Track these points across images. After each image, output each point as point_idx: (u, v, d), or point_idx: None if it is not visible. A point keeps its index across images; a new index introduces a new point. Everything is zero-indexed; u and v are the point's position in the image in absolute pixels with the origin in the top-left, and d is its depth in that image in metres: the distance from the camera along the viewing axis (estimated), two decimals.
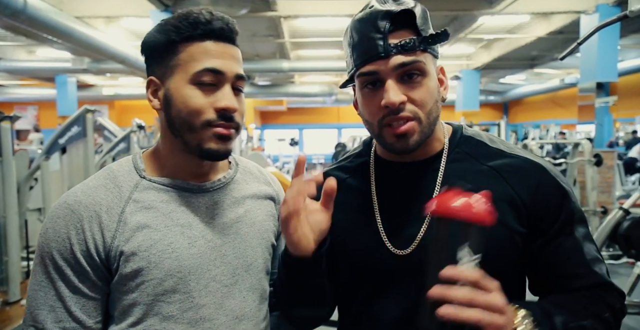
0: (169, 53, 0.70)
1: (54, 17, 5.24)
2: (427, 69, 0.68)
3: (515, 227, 0.69)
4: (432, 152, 0.74)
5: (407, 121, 0.67)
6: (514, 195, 0.69)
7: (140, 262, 0.67)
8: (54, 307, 0.66)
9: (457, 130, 0.78)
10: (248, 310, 0.75)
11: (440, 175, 0.72)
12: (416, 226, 0.70)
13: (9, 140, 3.28)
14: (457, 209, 0.57)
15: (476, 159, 0.73)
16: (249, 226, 0.77)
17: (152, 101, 0.72)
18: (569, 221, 0.70)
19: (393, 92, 0.65)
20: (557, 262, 0.70)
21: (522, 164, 0.72)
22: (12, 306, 3.20)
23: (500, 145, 0.75)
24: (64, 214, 0.68)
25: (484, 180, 0.70)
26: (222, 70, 0.69)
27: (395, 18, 0.65)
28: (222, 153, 0.70)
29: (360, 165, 0.80)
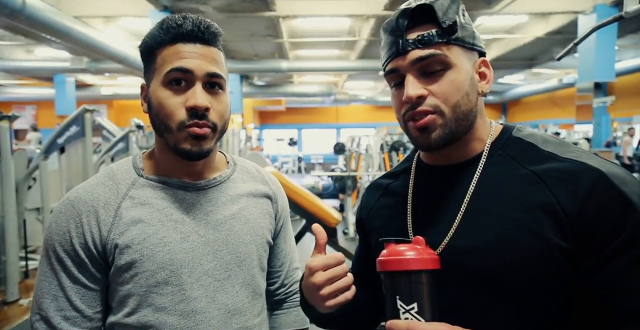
0: (149, 60, 0.73)
1: (53, 17, 5.24)
2: (451, 61, 0.64)
3: (553, 240, 0.59)
4: (471, 153, 0.70)
5: (427, 114, 0.64)
6: (554, 204, 0.60)
7: (133, 254, 0.70)
8: (57, 296, 0.70)
9: (507, 130, 0.71)
10: (240, 305, 0.76)
11: (475, 180, 0.67)
12: (443, 231, 0.67)
13: (7, 140, 3.28)
14: (381, 263, 0.62)
15: (519, 163, 0.66)
16: (242, 223, 0.79)
17: (142, 105, 0.76)
18: (634, 241, 0.56)
19: (411, 87, 0.64)
20: (613, 293, 0.57)
21: (574, 168, 0.61)
22: (10, 306, 3.20)
23: (554, 148, 0.66)
24: (66, 209, 0.72)
25: (520, 187, 0.64)
26: (190, 69, 0.70)
27: (413, 14, 0.64)
28: (195, 153, 0.71)
29: (404, 170, 0.80)
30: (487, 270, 0.63)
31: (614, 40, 6.40)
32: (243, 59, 9.75)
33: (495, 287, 0.63)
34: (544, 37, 7.94)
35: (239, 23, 7.24)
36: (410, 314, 0.58)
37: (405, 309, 0.59)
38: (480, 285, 0.64)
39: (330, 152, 8.91)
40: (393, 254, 0.61)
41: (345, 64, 10.03)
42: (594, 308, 0.60)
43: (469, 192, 0.67)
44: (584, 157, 0.63)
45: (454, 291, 0.64)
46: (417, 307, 0.58)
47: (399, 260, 0.60)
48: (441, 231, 0.68)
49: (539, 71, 12.22)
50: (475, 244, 0.64)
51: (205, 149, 0.71)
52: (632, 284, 0.57)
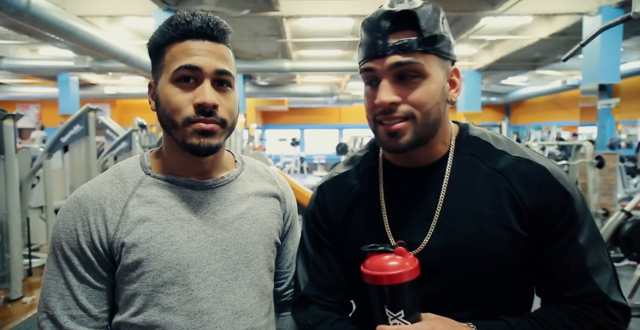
0: (157, 57, 0.73)
1: (57, 16, 5.25)
2: (427, 70, 0.66)
3: (519, 231, 0.68)
4: (437, 155, 0.74)
5: (400, 120, 0.67)
6: (517, 199, 0.69)
7: (140, 253, 0.69)
8: (63, 295, 0.70)
9: (464, 130, 0.77)
10: (248, 306, 0.76)
11: (446, 181, 0.72)
12: (422, 232, 0.71)
13: (11, 139, 3.29)
14: (368, 276, 0.65)
15: (481, 161, 0.73)
16: (250, 223, 0.78)
17: (150, 103, 0.75)
18: (571, 225, 0.68)
19: (385, 92, 0.66)
20: (554, 267, 0.69)
21: (524, 166, 0.71)
22: (14, 304, 3.21)
23: (505, 146, 0.74)
24: (73, 207, 0.71)
25: (488, 185, 0.70)
26: (199, 66, 0.69)
27: (397, 18, 0.65)
28: (204, 148, 0.70)
29: (369, 170, 0.80)
30: (465, 266, 0.69)
31: (619, 42, 6.37)
32: (246, 58, 9.75)
33: (472, 279, 0.70)
34: (548, 38, 7.91)
35: (243, 23, 7.24)
36: (398, 319, 0.64)
37: (393, 316, 0.64)
38: (458, 278, 0.72)
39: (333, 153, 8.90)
40: (379, 268, 0.65)
41: (348, 64, 10.01)
42: (541, 282, 0.71)
43: (442, 193, 0.72)
44: (527, 154, 0.73)
45: (434, 287, 0.70)
46: (403, 313, 0.63)
47: (386, 276, 0.64)
48: (419, 232, 0.72)
49: (542, 73, 12.18)
50: (453, 243, 0.69)
51: (214, 144, 0.71)
52: (567, 259, 0.68)
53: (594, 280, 0.67)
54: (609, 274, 0.68)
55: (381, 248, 0.66)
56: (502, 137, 0.77)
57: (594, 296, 0.67)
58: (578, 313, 0.67)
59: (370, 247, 0.67)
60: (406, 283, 0.63)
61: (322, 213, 0.82)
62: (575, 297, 0.67)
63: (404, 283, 0.63)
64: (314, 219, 0.82)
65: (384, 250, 0.66)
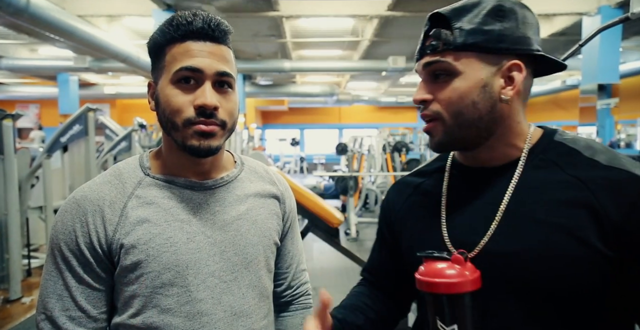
0: (158, 57, 0.72)
1: (57, 16, 5.25)
2: (458, 68, 0.64)
3: (598, 247, 0.59)
4: (505, 158, 0.69)
5: (429, 120, 0.68)
6: (599, 211, 0.59)
7: (139, 254, 0.69)
8: (62, 296, 0.69)
9: (548, 134, 0.71)
10: (247, 307, 0.75)
11: (514, 184, 0.66)
12: (479, 233, 0.66)
13: (11, 138, 3.29)
14: (422, 283, 0.61)
15: (562, 169, 0.65)
16: (250, 223, 0.78)
17: (150, 103, 0.75)
18: None
19: (418, 91, 0.69)
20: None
21: (619, 176, 0.61)
22: (13, 304, 3.21)
23: (598, 155, 0.64)
24: (71, 208, 0.71)
25: (563, 192, 0.62)
26: (200, 68, 0.69)
27: (432, 20, 0.68)
28: (204, 149, 0.70)
29: (437, 169, 0.79)
30: (528, 276, 0.61)
31: (618, 42, 6.37)
32: (246, 58, 9.75)
33: (535, 294, 0.61)
34: (547, 38, 7.91)
35: (242, 23, 7.24)
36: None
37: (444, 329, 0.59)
38: (518, 291, 0.62)
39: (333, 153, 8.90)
40: (434, 274, 0.60)
41: (348, 64, 10.02)
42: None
43: (507, 195, 0.66)
44: (629, 166, 0.62)
45: (489, 297, 0.62)
46: (457, 328, 0.59)
47: (440, 284, 0.59)
48: (477, 233, 0.66)
49: None
50: (514, 249, 0.62)
51: (214, 146, 0.71)
52: None
53: None
54: None
55: (436, 254, 0.61)
56: (600, 145, 0.67)
57: None
58: None
59: (427, 253, 0.62)
60: (463, 296, 0.58)
61: (384, 212, 0.85)
62: None
63: (464, 294, 0.58)
64: (379, 220, 0.87)
65: (440, 257, 0.61)
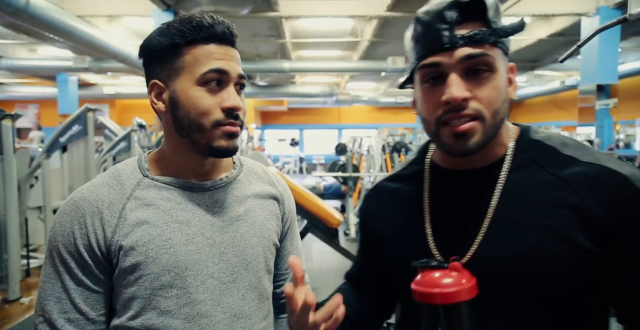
0: (172, 56, 0.71)
1: (56, 16, 5.25)
2: (496, 64, 0.61)
3: (585, 246, 0.59)
4: (493, 158, 0.67)
5: (469, 120, 0.61)
6: (584, 209, 0.60)
7: (138, 256, 0.69)
8: (60, 298, 0.69)
9: (525, 132, 0.70)
10: (247, 308, 0.75)
11: (500, 186, 0.65)
12: (468, 240, 0.64)
13: (10, 139, 3.28)
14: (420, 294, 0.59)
15: (543, 167, 0.65)
16: (249, 225, 0.78)
17: (156, 104, 0.73)
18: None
19: (456, 87, 0.59)
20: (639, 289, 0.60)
21: (597, 172, 0.61)
22: (12, 304, 3.20)
23: (573, 151, 0.65)
24: (70, 209, 0.71)
25: (548, 192, 0.62)
26: (227, 70, 0.71)
27: (464, 8, 0.60)
28: (231, 149, 0.73)
29: (415, 173, 0.75)
30: (521, 280, 0.61)
31: (617, 43, 6.38)
32: (245, 59, 9.75)
33: (529, 297, 0.61)
34: (546, 39, 7.92)
35: (242, 23, 7.24)
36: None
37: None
38: (513, 295, 0.62)
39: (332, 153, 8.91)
40: (432, 285, 0.58)
41: (347, 64, 10.02)
42: (625, 308, 0.62)
43: (494, 198, 0.65)
44: (604, 160, 0.63)
45: (484, 302, 0.61)
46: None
47: (440, 294, 0.58)
48: (466, 239, 0.65)
49: (541, 73, 12.19)
50: (506, 253, 0.62)
51: (237, 145, 0.73)
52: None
53: None
54: None
55: (434, 263, 0.60)
56: (572, 140, 0.68)
57: None
58: None
59: (423, 263, 0.61)
60: (463, 303, 0.57)
61: (363, 222, 0.83)
62: None
63: (461, 303, 0.57)
64: (360, 228, 0.85)
65: (437, 265, 0.60)
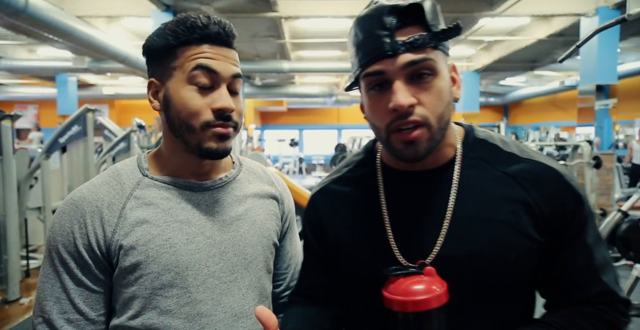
0: (167, 56, 0.71)
1: (55, 16, 5.25)
2: (439, 67, 0.62)
3: (535, 237, 0.65)
4: (444, 158, 0.69)
5: (416, 127, 0.61)
6: (532, 204, 0.65)
7: (138, 256, 0.69)
8: (60, 298, 0.69)
9: (469, 132, 0.73)
10: (247, 308, 0.75)
11: (455, 185, 0.67)
12: (431, 240, 0.66)
13: (9, 139, 3.28)
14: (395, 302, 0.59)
15: (491, 165, 0.69)
16: (249, 224, 0.78)
17: (152, 102, 0.74)
18: (582, 227, 0.66)
19: (401, 94, 0.60)
20: (566, 270, 0.67)
21: (538, 169, 0.67)
22: (11, 305, 3.20)
23: (513, 149, 0.70)
24: (69, 209, 0.70)
25: (500, 189, 0.66)
26: (217, 70, 0.70)
27: (403, 13, 0.60)
28: (221, 151, 0.71)
29: (365, 176, 0.75)
30: (483, 274, 0.65)
31: (616, 43, 6.39)
32: (245, 59, 9.76)
33: (492, 290, 0.65)
34: (546, 39, 7.93)
35: (241, 24, 7.24)
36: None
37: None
38: (477, 289, 0.65)
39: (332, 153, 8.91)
40: (407, 293, 0.58)
41: (346, 64, 10.02)
42: (551, 285, 0.69)
43: (451, 197, 0.67)
44: (537, 156, 0.70)
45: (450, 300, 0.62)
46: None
47: (412, 302, 0.58)
48: (428, 240, 0.66)
49: (540, 73, 12.20)
50: (469, 251, 0.65)
51: (229, 147, 0.73)
52: (578, 261, 0.66)
53: (602, 279, 0.66)
54: (612, 271, 0.68)
55: (411, 270, 0.61)
56: (509, 139, 0.73)
57: (604, 295, 0.66)
58: (591, 314, 0.65)
59: (395, 269, 0.61)
60: (434, 309, 0.58)
61: (313, 228, 0.78)
62: (587, 298, 0.66)
63: (432, 309, 0.57)
64: (309, 233, 0.79)
65: (412, 272, 0.61)
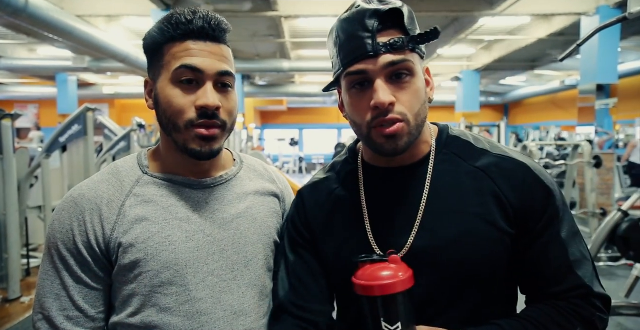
0: (156, 55, 0.72)
1: (55, 16, 5.25)
2: (416, 69, 0.67)
3: (504, 228, 0.68)
4: (419, 155, 0.74)
5: (395, 122, 0.65)
6: (501, 196, 0.69)
7: (137, 253, 0.69)
8: (59, 295, 0.69)
9: (443, 130, 0.77)
10: (247, 306, 0.75)
11: (429, 179, 0.71)
12: (405, 233, 0.70)
13: (10, 138, 3.28)
14: (362, 287, 0.62)
15: (464, 160, 0.73)
16: (249, 222, 0.78)
17: (147, 101, 0.75)
18: (553, 220, 0.69)
19: (383, 93, 0.64)
20: (539, 264, 0.69)
21: (507, 163, 0.71)
22: (12, 303, 3.20)
23: (485, 145, 0.74)
24: (69, 206, 0.70)
25: (471, 183, 0.70)
26: (201, 68, 0.68)
27: (384, 17, 0.65)
28: (205, 153, 0.70)
29: (349, 174, 0.79)
30: (454, 264, 0.68)
31: (617, 42, 6.38)
32: (245, 58, 9.75)
33: (462, 278, 0.68)
34: (546, 38, 7.92)
35: (241, 23, 7.24)
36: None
37: (390, 329, 0.61)
38: (448, 279, 0.68)
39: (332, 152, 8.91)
40: (373, 278, 0.62)
41: None
42: (526, 279, 0.72)
43: (425, 191, 0.71)
44: (509, 152, 0.73)
45: (423, 288, 0.67)
46: (401, 326, 0.61)
47: (378, 286, 0.61)
48: (403, 232, 0.70)
49: (541, 73, 12.20)
50: (440, 242, 0.68)
51: (215, 149, 0.71)
52: (551, 254, 0.68)
53: (577, 273, 0.68)
54: (590, 267, 0.69)
55: (375, 257, 0.64)
56: (482, 137, 0.77)
57: (578, 289, 0.68)
58: (565, 308, 0.67)
59: (362, 257, 0.64)
60: (400, 293, 0.61)
61: (301, 219, 0.80)
62: (561, 292, 0.68)
63: (398, 293, 0.61)
64: (293, 225, 0.80)
65: (377, 259, 0.64)
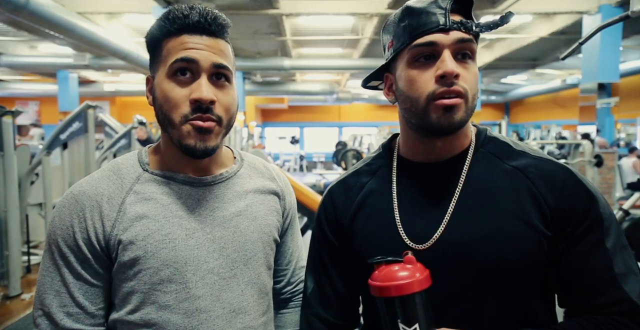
0: (154, 51, 0.72)
1: (56, 13, 5.25)
2: (475, 54, 0.68)
3: (540, 228, 0.66)
4: (458, 148, 0.73)
5: (457, 95, 0.65)
6: (538, 196, 0.67)
7: (137, 251, 0.68)
8: (59, 292, 0.69)
9: (482, 130, 0.77)
10: (246, 304, 0.75)
11: (464, 175, 0.70)
12: (434, 225, 0.69)
13: (10, 135, 3.28)
14: (377, 288, 0.61)
15: (500, 159, 0.72)
16: (249, 220, 0.77)
17: (148, 98, 0.74)
18: (595, 227, 0.65)
19: (451, 63, 0.64)
20: (578, 272, 0.65)
21: (547, 165, 0.69)
22: (13, 300, 3.21)
23: (524, 148, 0.74)
24: (69, 203, 0.70)
25: (507, 181, 0.69)
26: (195, 59, 0.68)
27: (458, 0, 0.66)
28: (200, 150, 0.69)
29: (381, 167, 0.79)
30: (484, 261, 0.66)
31: (618, 41, 6.37)
32: (246, 56, 9.74)
33: (492, 277, 0.66)
34: (548, 37, 7.91)
35: (242, 21, 7.23)
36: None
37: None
38: (476, 276, 0.66)
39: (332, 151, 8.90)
40: (388, 278, 0.61)
41: (347, 62, 10.01)
42: (565, 288, 0.68)
43: (458, 186, 0.70)
44: (550, 157, 0.72)
45: (449, 286, 0.66)
46: (418, 327, 0.59)
47: (396, 286, 0.60)
48: (432, 225, 0.69)
49: (542, 71, 12.18)
50: (470, 237, 0.67)
51: (211, 146, 0.69)
52: (592, 263, 0.65)
53: (623, 287, 0.63)
54: (638, 283, 0.64)
55: (390, 258, 0.63)
56: (522, 142, 0.77)
57: (622, 304, 0.63)
58: (604, 323, 0.63)
59: (377, 259, 0.63)
60: (417, 293, 0.60)
61: (328, 216, 0.80)
62: (602, 305, 0.64)
63: (415, 293, 0.60)
64: (319, 224, 0.81)
65: (392, 260, 0.63)
